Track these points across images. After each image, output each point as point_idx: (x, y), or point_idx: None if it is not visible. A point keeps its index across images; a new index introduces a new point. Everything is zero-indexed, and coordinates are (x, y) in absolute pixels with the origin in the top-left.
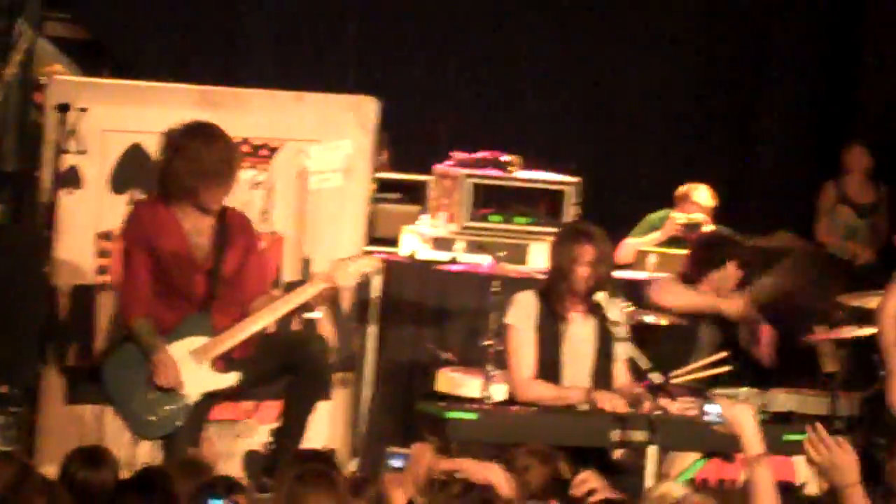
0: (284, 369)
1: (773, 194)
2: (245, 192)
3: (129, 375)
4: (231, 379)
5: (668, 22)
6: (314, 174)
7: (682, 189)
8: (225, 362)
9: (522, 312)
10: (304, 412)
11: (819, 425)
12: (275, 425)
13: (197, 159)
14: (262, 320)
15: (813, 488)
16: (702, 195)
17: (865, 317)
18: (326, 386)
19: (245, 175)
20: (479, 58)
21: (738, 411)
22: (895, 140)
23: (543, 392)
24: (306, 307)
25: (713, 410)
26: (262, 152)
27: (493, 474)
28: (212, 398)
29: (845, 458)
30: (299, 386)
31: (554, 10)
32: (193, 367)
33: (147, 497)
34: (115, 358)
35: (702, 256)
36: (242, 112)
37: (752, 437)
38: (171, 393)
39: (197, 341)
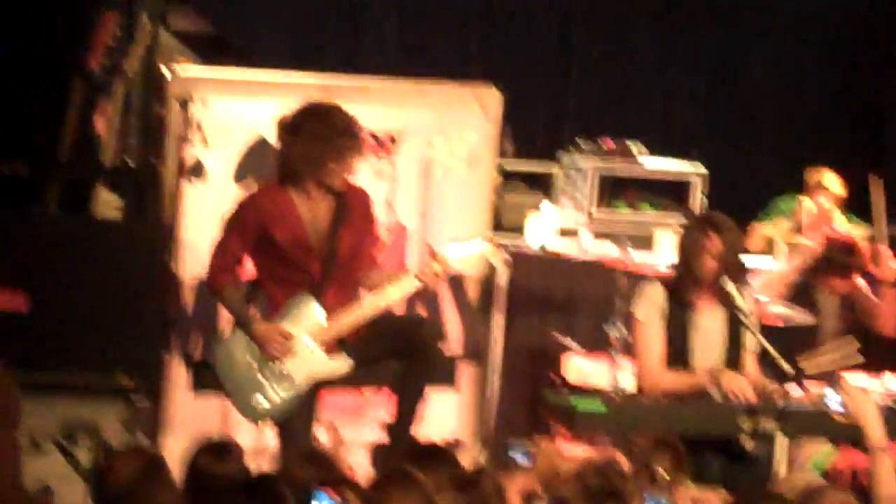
0: (394, 354)
1: None
2: (369, 183)
3: (240, 359)
4: (344, 366)
5: (793, 6)
6: (438, 164)
7: (813, 175)
8: (335, 345)
9: (650, 304)
10: (415, 403)
11: None
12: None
13: (316, 138)
14: (377, 304)
15: None
16: (832, 182)
17: None
18: (437, 373)
19: (369, 165)
20: (602, 45)
21: (860, 401)
22: None
23: (670, 381)
24: (426, 291)
25: (834, 399)
26: (386, 143)
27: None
28: (323, 384)
29: None
30: (410, 374)
31: None
32: (305, 352)
33: (255, 500)
34: (227, 342)
35: (829, 261)
36: (365, 103)
37: (873, 426)
38: (282, 377)
39: (309, 325)
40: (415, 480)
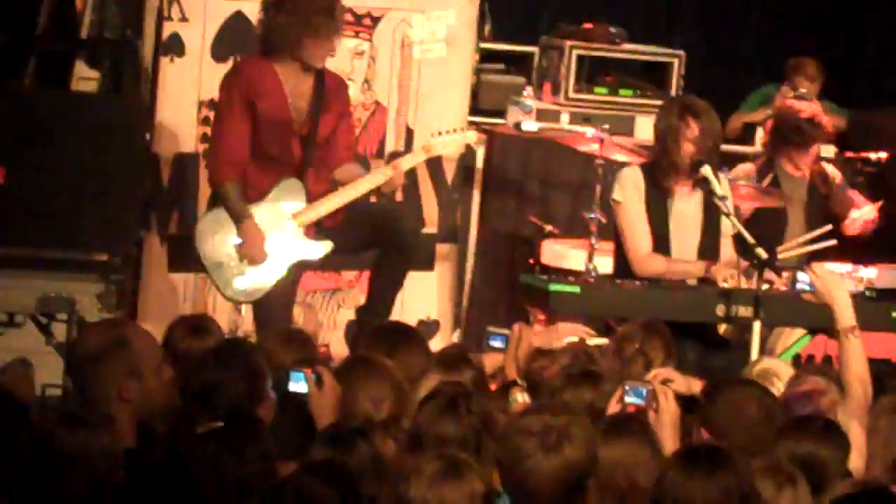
0: (373, 242)
1: (884, 68)
2: (347, 62)
3: (222, 237)
4: (323, 248)
5: None
6: (417, 44)
7: (791, 62)
8: (315, 230)
9: (630, 188)
10: (390, 289)
11: None
12: None
13: (300, 11)
14: (359, 189)
15: None
16: (810, 69)
17: None
18: (413, 264)
19: (348, 44)
20: None
21: (829, 280)
22: None
23: (663, 266)
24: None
25: (804, 280)
26: (365, 21)
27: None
28: (302, 266)
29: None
30: (387, 262)
31: None
32: (286, 233)
33: (229, 368)
34: (208, 219)
35: (785, 133)
36: None
37: (842, 307)
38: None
39: (292, 207)
40: (378, 365)
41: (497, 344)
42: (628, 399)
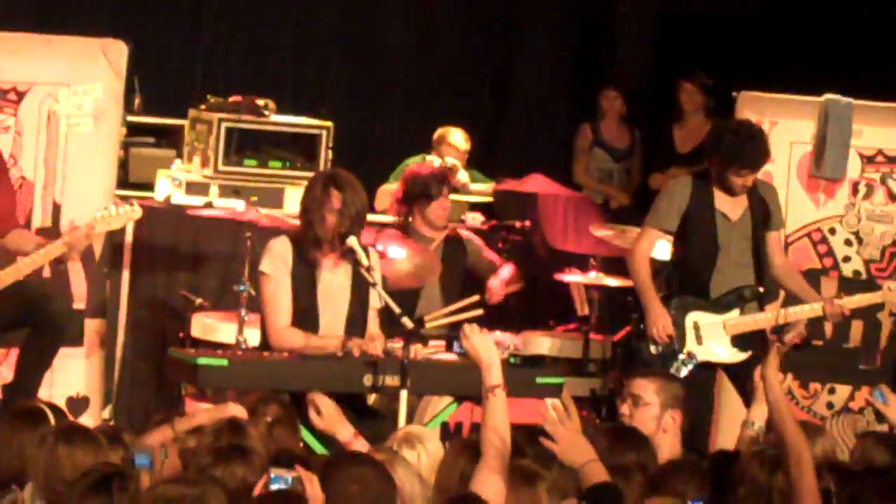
0: (22, 321)
1: (529, 137)
2: None
3: None
4: None
5: None
6: (64, 118)
7: (438, 132)
8: None
9: (277, 259)
10: (38, 367)
11: (565, 401)
12: None
13: None
14: (21, 270)
15: None
16: (456, 138)
17: (618, 263)
18: (60, 344)
19: None
20: (234, 1)
21: (476, 341)
22: (648, 87)
23: (300, 341)
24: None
25: (455, 343)
26: (10, 96)
27: (231, 410)
28: None
29: (578, 438)
30: (36, 341)
31: None
32: None
33: None
34: None
35: (413, 192)
36: None
37: (488, 366)
38: None
39: None
40: (93, 435)
41: (143, 462)
42: (274, 487)
